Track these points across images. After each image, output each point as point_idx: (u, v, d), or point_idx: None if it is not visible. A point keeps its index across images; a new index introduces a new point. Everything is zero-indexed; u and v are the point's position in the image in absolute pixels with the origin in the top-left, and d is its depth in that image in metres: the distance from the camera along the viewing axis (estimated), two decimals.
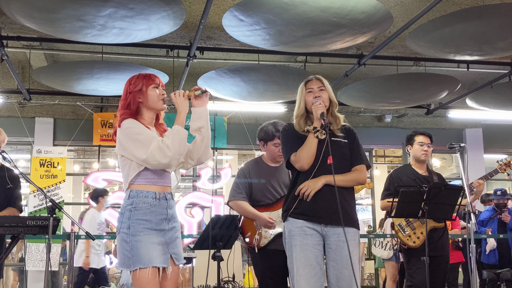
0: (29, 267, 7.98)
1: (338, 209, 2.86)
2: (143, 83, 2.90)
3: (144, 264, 2.67)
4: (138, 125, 2.80)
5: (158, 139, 2.74)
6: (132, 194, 2.77)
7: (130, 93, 2.89)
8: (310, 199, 2.96)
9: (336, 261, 2.91)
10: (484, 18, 5.21)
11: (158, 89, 2.94)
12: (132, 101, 2.87)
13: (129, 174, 2.78)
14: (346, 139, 3.10)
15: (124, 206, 2.78)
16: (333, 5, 4.84)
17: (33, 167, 8.32)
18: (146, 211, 2.75)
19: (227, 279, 5.30)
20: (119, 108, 2.91)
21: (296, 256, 2.96)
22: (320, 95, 3.09)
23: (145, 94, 2.89)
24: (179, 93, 2.92)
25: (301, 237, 2.96)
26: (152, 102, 2.90)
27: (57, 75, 7.00)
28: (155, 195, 2.80)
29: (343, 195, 2.96)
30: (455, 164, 12.11)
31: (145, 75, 2.95)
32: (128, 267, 2.69)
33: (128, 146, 2.76)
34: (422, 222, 4.21)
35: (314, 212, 2.95)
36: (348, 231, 2.91)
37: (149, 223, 2.74)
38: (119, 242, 2.75)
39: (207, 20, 5.67)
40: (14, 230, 3.75)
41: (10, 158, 4.05)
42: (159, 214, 2.79)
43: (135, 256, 2.68)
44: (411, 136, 4.53)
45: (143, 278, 2.66)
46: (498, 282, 6.80)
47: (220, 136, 8.93)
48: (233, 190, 3.96)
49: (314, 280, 2.89)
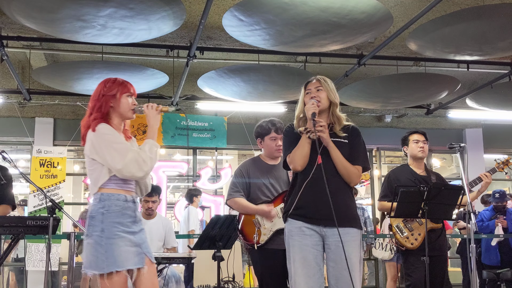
0: (29, 267, 7.98)
1: (337, 210, 2.87)
2: (118, 90, 2.93)
3: (119, 267, 2.70)
4: (115, 133, 2.84)
5: (134, 151, 2.79)
6: (103, 197, 2.79)
7: (103, 96, 2.91)
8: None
9: (335, 261, 2.89)
10: (484, 18, 5.21)
11: (131, 98, 2.98)
12: (104, 104, 2.89)
13: (100, 178, 2.81)
14: (347, 139, 3.05)
15: (95, 209, 2.79)
16: (333, 5, 4.85)
17: (33, 167, 8.32)
18: (118, 214, 2.79)
19: (227, 279, 5.30)
20: (90, 108, 2.92)
21: (294, 256, 2.95)
22: (317, 95, 3.07)
23: (118, 101, 2.92)
24: (152, 106, 2.97)
25: (300, 237, 2.95)
26: (123, 109, 2.93)
27: (57, 75, 7.00)
28: (125, 198, 2.84)
29: (341, 194, 2.95)
30: (455, 164, 12.11)
31: (121, 82, 2.98)
32: (102, 269, 2.70)
33: (102, 153, 2.78)
34: (420, 223, 4.22)
35: (312, 214, 2.94)
36: (348, 231, 2.90)
37: (122, 225, 2.78)
38: (90, 245, 2.75)
39: (207, 20, 5.67)
40: (14, 230, 3.75)
41: (10, 158, 4.06)
42: (129, 217, 2.83)
43: (109, 258, 2.70)
44: (405, 137, 4.56)
45: (116, 281, 2.69)
46: (498, 282, 6.80)
47: (220, 136, 8.93)
48: (230, 189, 3.98)
49: (312, 280, 2.88)
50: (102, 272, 2.69)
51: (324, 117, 3.08)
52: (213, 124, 8.94)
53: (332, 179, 2.95)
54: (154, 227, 5.38)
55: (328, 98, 3.07)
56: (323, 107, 3.07)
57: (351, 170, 2.97)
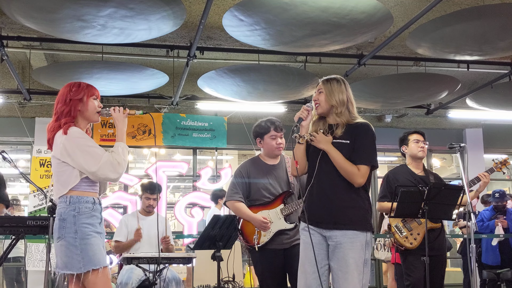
0: (29, 267, 7.98)
1: (334, 212, 2.91)
2: (85, 93, 2.98)
3: (95, 265, 2.80)
4: (87, 136, 2.92)
5: (108, 154, 2.86)
6: (73, 200, 2.86)
7: (71, 100, 2.95)
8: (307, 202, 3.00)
9: (334, 262, 2.91)
10: (484, 18, 5.21)
11: (97, 101, 3.04)
12: (73, 109, 2.94)
13: (70, 181, 2.87)
14: (349, 139, 2.99)
15: (65, 212, 2.85)
16: (333, 5, 4.84)
17: (33, 167, 8.32)
18: (88, 215, 2.86)
19: (227, 279, 5.30)
20: (58, 112, 2.96)
21: (300, 254, 3.02)
22: (317, 98, 3.09)
23: (85, 104, 2.98)
24: (119, 109, 3.03)
25: (304, 235, 3.00)
26: (90, 113, 2.99)
27: (57, 75, 7.00)
28: (93, 200, 2.92)
29: (341, 197, 2.95)
30: (455, 164, 12.10)
31: (87, 85, 3.03)
32: (79, 269, 2.78)
33: (75, 156, 2.84)
34: (419, 223, 4.22)
35: (312, 216, 2.97)
36: (346, 233, 2.89)
37: (92, 226, 2.86)
38: (64, 247, 2.81)
39: (207, 20, 5.67)
40: (14, 230, 3.75)
41: (10, 158, 4.06)
42: (97, 218, 2.92)
43: (85, 258, 2.79)
44: (404, 136, 4.55)
45: (96, 278, 2.79)
46: (498, 282, 6.80)
47: (220, 136, 8.93)
48: (230, 190, 3.98)
49: (312, 277, 2.91)
50: (80, 271, 2.78)
51: (332, 118, 3.07)
52: (213, 124, 8.94)
53: (333, 181, 2.95)
54: (152, 223, 5.40)
55: (326, 101, 3.04)
56: (322, 110, 3.06)
57: (351, 171, 2.92)
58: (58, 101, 2.99)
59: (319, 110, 3.07)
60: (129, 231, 5.39)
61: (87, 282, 2.80)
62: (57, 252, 2.86)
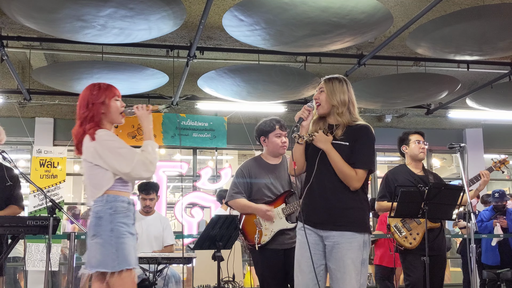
0: (29, 267, 7.98)
1: (330, 213, 2.90)
2: (106, 95, 2.95)
3: (130, 265, 2.79)
4: (116, 137, 2.90)
5: (140, 154, 2.86)
6: (110, 198, 2.85)
7: (93, 105, 2.92)
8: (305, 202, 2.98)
9: (331, 262, 2.90)
10: (484, 18, 5.20)
11: (119, 102, 3.00)
12: (96, 113, 2.92)
13: (104, 183, 2.86)
14: (349, 141, 2.95)
15: (102, 210, 2.84)
16: (333, 5, 4.84)
17: (33, 167, 8.32)
18: (124, 215, 2.87)
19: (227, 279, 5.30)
20: (82, 118, 2.93)
21: (296, 253, 3.01)
22: (318, 97, 3.07)
23: (108, 107, 2.95)
24: (142, 107, 3.01)
25: (301, 235, 2.99)
26: (113, 115, 2.97)
27: (57, 75, 7.00)
28: (128, 200, 2.93)
29: (339, 198, 2.93)
30: (455, 164, 12.11)
31: (107, 86, 3.00)
32: (113, 268, 2.76)
33: (107, 158, 2.83)
34: (418, 223, 4.22)
35: (310, 217, 2.96)
36: (343, 234, 2.87)
37: (127, 226, 2.86)
38: (99, 244, 2.80)
39: (207, 20, 5.67)
40: (14, 230, 3.75)
41: (10, 158, 4.06)
42: (131, 219, 2.91)
43: (120, 257, 2.77)
44: (404, 136, 4.53)
45: (126, 278, 2.77)
46: (498, 282, 6.80)
47: (220, 136, 8.93)
48: (231, 189, 3.98)
49: (308, 277, 2.91)
50: (114, 270, 2.76)
51: (332, 118, 3.05)
52: (213, 124, 8.94)
53: (332, 182, 2.94)
54: (151, 223, 5.40)
55: (327, 101, 3.03)
56: (323, 110, 3.05)
57: (348, 174, 2.89)
58: (80, 106, 2.96)
59: (319, 109, 3.05)
60: None
61: (116, 281, 2.77)
62: (90, 250, 2.83)
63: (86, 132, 2.88)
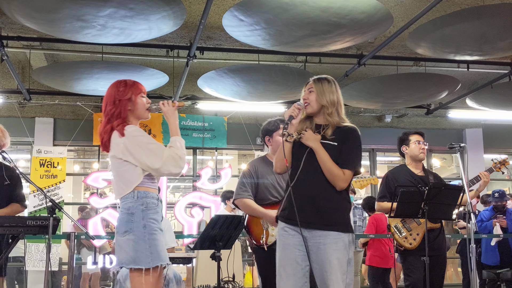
0: (29, 267, 7.98)
1: (315, 212, 2.87)
2: (132, 92, 2.95)
3: (163, 261, 2.80)
4: (146, 134, 2.89)
5: (169, 150, 2.83)
6: (140, 194, 2.84)
7: (119, 101, 2.93)
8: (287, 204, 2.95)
9: (317, 263, 2.87)
10: (484, 18, 5.21)
11: (145, 98, 3.00)
12: (123, 109, 2.92)
13: (133, 179, 2.85)
14: (338, 141, 2.95)
15: (133, 206, 2.83)
16: (333, 5, 4.85)
17: (33, 167, 8.32)
18: (154, 211, 2.87)
19: (227, 279, 5.30)
20: (109, 115, 2.93)
21: (278, 255, 2.97)
22: (307, 97, 3.05)
23: (134, 103, 2.95)
24: (168, 103, 2.99)
25: (284, 237, 2.96)
26: (140, 111, 2.97)
27: (57, 75, 7.00)
28: (157, 196, 2.92)
29: (324, 197, 2.91)
30: (455, 164, 12.11)
31: (132, 83, 2.99)
32: (147, 264, 2.76)
33: (137, 154, 2.82)
34: (418, 223, 4.22)
35: (293, 216, 2.89)
36: (328, 234, 2.85)
37: (158, 223, 2.86)
38: (132, 241, 2.78)
39: (207, 20, 5.67)
40: (14, 230, 3.75)
41: (10, 158, 4.06)
42: (160, 215, 2.91)
43: (154, 253, 2.77)
44: (405, 136, 4.51)
45: (158, 276, 2.78)
46: (498, 282, 6.80)
47: (220, 136, 8.93)
48: (239, 188, 3.95)
49: (293, 279, 2.88)
50: (148, 266, 2.75)
51: (320, 118, 3.05)
52: (213, 124, 8.94)
53: (317, 180, 2.92)
54: None
55: (317, 101, 3.01)
56: (312, 109, 3.03)
57: (336, 174, 2.89)
58: (106, 103, 2.96)
59: (308, 109, 3.03)
60: None
61: (154, 277, 2.77)
62: (122, 247, 2.81)
63: (115, 128, 2.88)
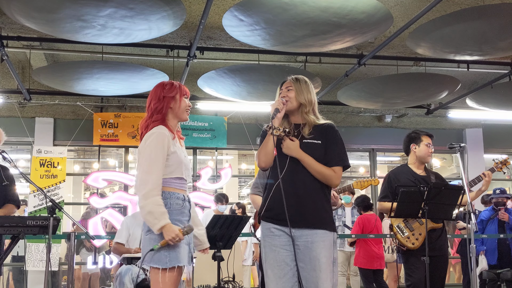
0: (29, 267, 7.98)
1: (303, 211, 2.86)
2: (177, 91, 3.06)
3: (181, 262, 2.83)
4: (160, 147, 2.86)
5: (153, 199, 2.78)
6: (165, 195, 2.87)
7: (164, 98, 3.01)
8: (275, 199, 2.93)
9: (304, 262, 2.85)
10: (484, 18, 5.21)
11: (187, 100, 3.11)
12: (165, 105, 3.00)
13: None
14: (320, 139, 2.97)
15: None
16: (333, 5, 4.85)
17: (33, 167, 8.32)
18: (178, 212, 2.89)
19: (227, 279, 5.30)
20: (151, 109, 3.00)
21: (265, 257, 2.95)
22: (286, 95, 3.06)
23: (178, 102, 3.04)
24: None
25: (270, 238, 2.94)
26: (181, 111, 3.05)
27: (57, 75, 7.00)
28: (183, 197, 2.95)
29: (311, 196, 2.91)
30: (455, 164, 12.11)
31: (178, 85, 3.11)
32: (165, 264, 2.80)
33: (139, 162, 2.88)
34: (420, 223, 4.21)
35: (280, 215, 2.88)
36: (316, 232, 2.85)
37: (181, 223, 2.87)
38: (152, 240, 2.82)
39: (207, 20, 5.67)
40: (14, 230, 3.75)
41: (10, 158, 4.06)
42: (185, 216, 2.94)
43: (172, 254, 2.80)
44: (417, 135, 4.44)
45: (175, 276, 2.82)
46: (498, 282, 6.80)
47: (220, 136, 8.93)
48: (253, 184, 4.20)
49: (283, 281, 2.86)
50: (165, 266, 2.79)
51: (297, 118, 3.05)
52: (213, 124, 8.94)
53: (303, 180, 2.92)
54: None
55: (296, 99, 3.03)
56: (291, 107, 3.02)
57: (328, 174, 2.91)
58: (151, 99, 3.03)
59: (288, 105, 3.02)
60: (130, 233, 5.37)
61: (170, 277, 2.80)
62: (145, 245, 2.87)
63: (149, 125, 2.95)
